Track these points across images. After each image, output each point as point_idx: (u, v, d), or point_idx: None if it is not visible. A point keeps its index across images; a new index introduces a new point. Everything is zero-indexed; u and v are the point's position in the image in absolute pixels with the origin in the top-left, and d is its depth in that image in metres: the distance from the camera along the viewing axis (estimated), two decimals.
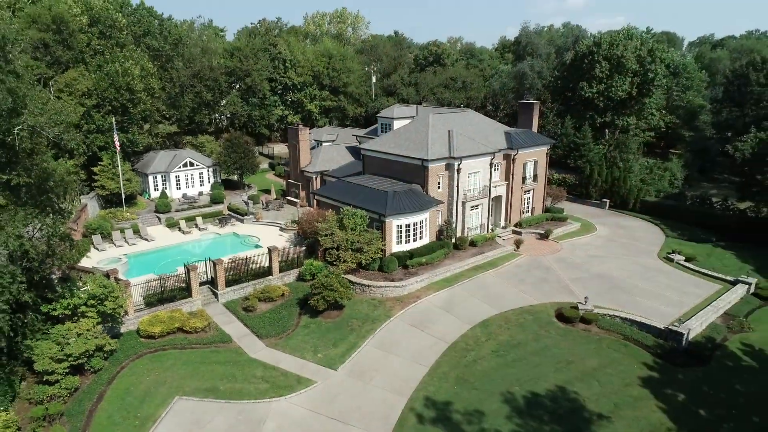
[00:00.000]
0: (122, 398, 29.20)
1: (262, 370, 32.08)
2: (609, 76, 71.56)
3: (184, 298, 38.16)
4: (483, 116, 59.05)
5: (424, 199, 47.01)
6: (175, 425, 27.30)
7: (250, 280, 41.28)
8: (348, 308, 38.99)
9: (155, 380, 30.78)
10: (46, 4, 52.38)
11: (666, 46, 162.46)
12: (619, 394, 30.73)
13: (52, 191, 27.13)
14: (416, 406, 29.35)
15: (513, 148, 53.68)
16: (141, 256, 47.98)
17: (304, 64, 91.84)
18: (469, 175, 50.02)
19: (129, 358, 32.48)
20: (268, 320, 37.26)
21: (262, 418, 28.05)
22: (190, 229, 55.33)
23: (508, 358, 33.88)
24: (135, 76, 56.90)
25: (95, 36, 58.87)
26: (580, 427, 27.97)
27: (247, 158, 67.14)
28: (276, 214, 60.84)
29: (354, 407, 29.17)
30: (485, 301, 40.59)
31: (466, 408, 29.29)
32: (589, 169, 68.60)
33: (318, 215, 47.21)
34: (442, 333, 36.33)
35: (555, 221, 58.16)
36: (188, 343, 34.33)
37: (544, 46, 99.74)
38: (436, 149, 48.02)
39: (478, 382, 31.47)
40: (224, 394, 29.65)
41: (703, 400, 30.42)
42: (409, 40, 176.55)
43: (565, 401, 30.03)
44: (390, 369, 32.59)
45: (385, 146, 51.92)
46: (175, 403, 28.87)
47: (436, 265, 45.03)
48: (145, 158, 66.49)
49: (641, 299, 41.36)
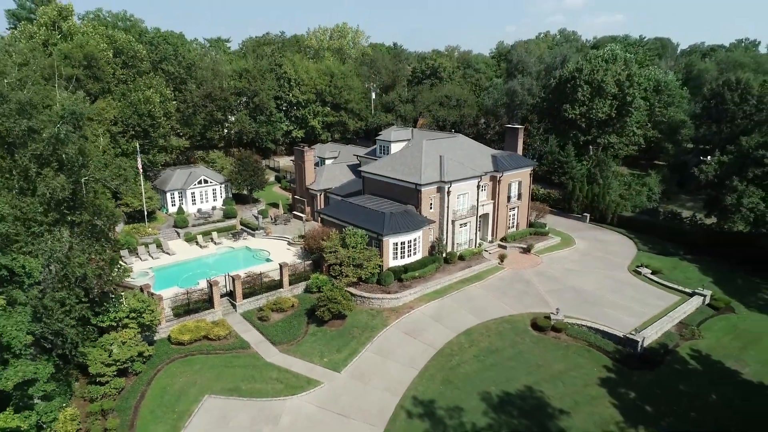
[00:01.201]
0: (161, 396, 34.59)
1: (276, 372, 37.46)
2: (590, 99, 76.92)
3: (207, 309, 43.52)
4: (472, 141, 64.41)
5: (417, 219, 52.37)
6: (207, 419, 32.68)
7: (264, 292, 46.64)
8: (350, 318, 44.33)
9: (187, 381, 36.16)
10: (77, 41, 57.64)
11: (655, 56, 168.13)
12: (579, 393, 36.11)
13: (103, 224, 32.45)
14: (406, 404, 34.71)
15: (499, 170, 59.03)
16: (165, 269, 53.32)
17: (307, 82, 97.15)
18: (458, 196, 55.39)
19: (163, 362, 37.87)
20: (281, 329, 42.62)
21: (279, 413, 33.42)
22: (207, 243, 60.72)
23: (486, 363, 39.25)
24: (155, 104, 62.28)
25: (119, 66, 64.21)
26: (543, 421, 33.34)
27: (256, 175, 72.46)
28: (284, 228, 66.20)
29: (355, 404, 34.53)
30: (470, 311, 45.96)
31: (449, 405, 34.66)
32: (571, 186, 73.96)
33: (322, 233, 52.54)
34: (431, 340, 41.70)
35: (538, 235, 63.45)
36: (213, 349, 39.72)
37: (534, 65, 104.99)
38: (429, 174, 53.37)
39: (460, 383, 36.84)
40: (246, 393, 35.04)
41: (651, 399, 35.79)
42: (407, 51, 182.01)
43: (532, 399, 35.40)
44: (386, 372, 37.96)
45: (383, 170, 57.26)
46: (205, 400, 34.24)
47: (428, 278, 50.39)
48: (163, 176, 71.81)
49: (608, 310, 46.71)
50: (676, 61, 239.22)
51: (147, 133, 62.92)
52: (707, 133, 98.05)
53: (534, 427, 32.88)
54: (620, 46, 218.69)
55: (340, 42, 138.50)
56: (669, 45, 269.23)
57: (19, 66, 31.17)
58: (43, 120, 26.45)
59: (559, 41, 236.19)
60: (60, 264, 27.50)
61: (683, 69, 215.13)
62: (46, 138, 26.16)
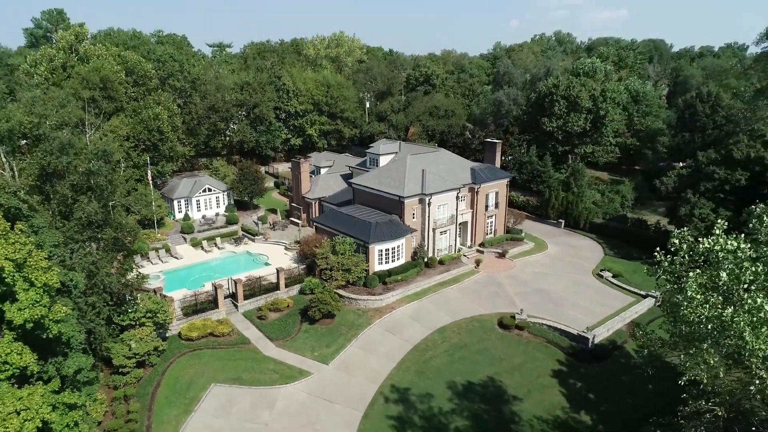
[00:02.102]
0: (174, 385, 40.23)
1: (273, 364, 43.08)
2: (566, 113, 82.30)
3: (212, 309, 49.13)
4: (453, 155, 69.89)
5: (401, 228, 57.93)
6: (214, 404, 38.32)
7: (263, 294, 52.26)
8: (338, 317, 49.90)
9: (196, 372, 41.78)
10: (93, 65, 63.05)
11: (645, 60, 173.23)
12: (533, 382, 41.73)
13: (125, 238, 38.02)
14: (385, 391, 40.35)
15: (477, 182, 64.56)
16: (174, 272, 58.90)
17: (305, 93, 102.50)
18: (438, 206, 60.94)
19: (175, 356, 43.50)
20: (277, 326, 48.22)
21: (275, 399, 39.06)
22: (211, 248, 66.28)
23: (455, 356, 44.87)
24: (164, 120, 67.75)
25: (130, 85, 69.63)
26: (499, 406, 38.98)
27: (256, 184, 77.98)
28: (281, 233, 71.75)
29: (340, 392, 40.16)
30: (445, 311, 51.56)
31: (420, 392, 40.30)
32: (548, 193, 79.46)
33: (316, 240, 58.11)
34: (409, 337, 47.32)
35: (514, 241, 68.99)
36: (218, 344, 45.35)
37: (520, 75, 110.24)
38: (411, 187, 58.90)
39: (431, 374, 42.47)
40: (247, 382, 40.69)
41: (595, 388, 41.41)
42: (404, 56, 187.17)
43: (492, 388, 41.05)
44: (368, 364, 43.59)
45: (371, 182, 62.78)
46: (212, 388, 39.88)
47: (410, 282, 55.98)
48: (170, 184, 77.32)
49: (568, 310, 52.28)
50: (665, 65, 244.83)
51: (156, 146, 68.44)
52: (681, 142, 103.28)
53: (491, 411, 38.53)
54: (612, 49, 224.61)
55: (336, 51, 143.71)
56: (662, 47, 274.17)
57: (57, 109, 36.55)
58: (79, 156, 31.99)
59: (553, 45, 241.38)
60: (91, 274, 33.02)
61: (671, 74, 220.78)
62: (82, 171, 31.68)
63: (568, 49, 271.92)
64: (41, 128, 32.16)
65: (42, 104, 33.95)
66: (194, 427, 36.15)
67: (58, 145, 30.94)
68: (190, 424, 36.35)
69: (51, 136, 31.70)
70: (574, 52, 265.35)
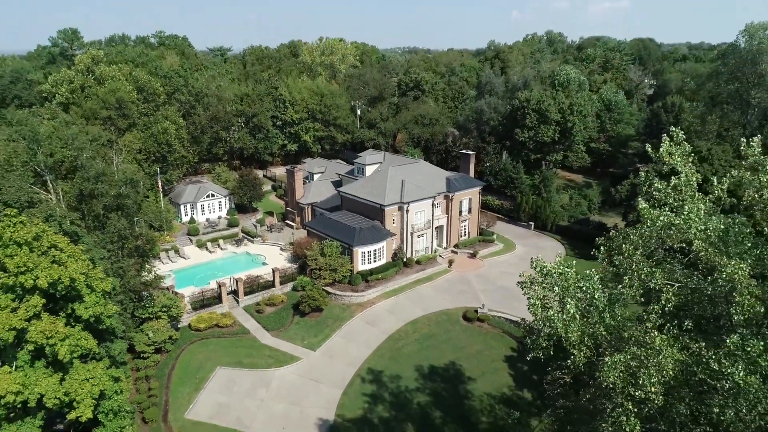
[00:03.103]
0: (186, 368, 47.77)
1: (269, 350, 50.62)
2: (537, 125, 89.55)
3: (217, 304, 56.59)
4: (431, 166, 77.26)
5: (382, 232, 65.39)
6: (219, 383, 45.87)
7: (260, 291, 59.72)
8: (325, 311, 57.43)
9: (204, 357, 49.32)
10: (109, 87, 70.07)
11: (631, 62, 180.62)
12: (487, 366, 49.32)
13: (145, 246, 45.45)
14: (362, 373, 47.92)
15: (451, 191, 71.93)
16: (182, 271, 66.27)
17: (300, 102, 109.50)
18: (416, 213, 68.37)
19: (186, 343, 51.01)
20: (273, 319, 55.74)
21: (270, 379, 46.61)
22: (215, 249, 73.72)
23: (424, 345, 52.46)
24: (171, 134, 74.95)
25: (141, 102, 76.74)
26: (456, 385, 46.59)
27: (255, 190, 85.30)
28: (277, 235, 79.18)
29: (324, 374, 47.72)
30: (418, 306, 59.14)
31: (392, 374, 47.89)
32: (519, 198, 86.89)
33: (307, 243, 65.52)
34: (385, 328, 54.88)
35: (485, 242, 76.46)
36: (222, 334, 52.88)
37: (500, 85, 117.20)
38: (391, 196, 66.28)
39: (402, 359, 50.05)
40: (247, 365, 48.22)
41: (538, 370, 48.93)
42: (396, 61, 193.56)
43: (453, 371, 48.66)
44: (348, 351, 51.17)
45: (356, 191, 70.12)
46: (217, 370, 47.41)
47: (389, 280, 63.49)
48: (177, 190, 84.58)
49: (525, 304, 59.74)
50: (650, 67, 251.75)
51: (165, 157, 75.68)
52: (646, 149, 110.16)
53: (449, 389, 46.17)
54: (600, 50, 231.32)
55: (330, 58, 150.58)
56: (651, 46, 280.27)
57: (90, 142, 43.80)
58: (110, 183, 39.35)
59: (542, 47, 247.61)
60: (120, 277, 40.42)
61: (654, 75, 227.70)
62: (113, 194, 38.95)
63: (558, 48, 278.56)
64: (79, 159, 39.41)
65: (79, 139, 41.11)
66: (203, 402, 43.74)
67: (94, 174, 38.21)
68: (200, 400, 43.94)
69: (87, 165, 39.03)
70: (565, 51, 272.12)
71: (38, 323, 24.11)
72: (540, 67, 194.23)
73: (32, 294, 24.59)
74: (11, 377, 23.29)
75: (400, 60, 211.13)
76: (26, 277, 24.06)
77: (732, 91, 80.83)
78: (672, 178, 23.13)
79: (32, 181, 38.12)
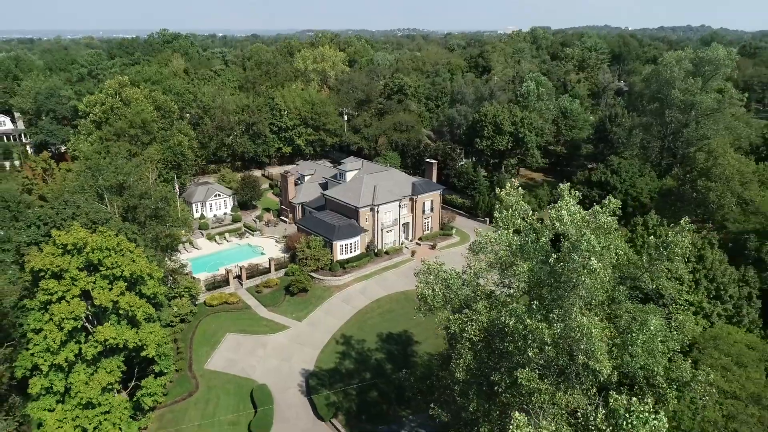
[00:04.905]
0: (203, 333, 62.44)
1: (266, 321, 65.23)
2: (493, 135, 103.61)
3: (225, 286, 71.18)
4: (401, 173, 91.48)
5: (357, 229, 79.86)
6: (228, 345, 60.49)
7: (259, 276, 74.22)
8: (310, 291, 71.95)
9: (216, 326, 63.94)
10: (134, 109, 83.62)
11: (606, 61, 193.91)
12: (430, 333, 63.66)
13: (172, 243, 59.82)
14: (336, 338, 62.63)
15: (415, 194, 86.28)
16: (196, 260, 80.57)
17: (293, 110, 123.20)
18: (385, 213, 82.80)
19: (203, 316, 65.55)
20: (269, 298, 70.30)
21: (266, 342, 61.27)
22: (222, 241, 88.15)
23: (385, 317, 67.15)
24: (185, 145, 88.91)
25: (159, 118, 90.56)
26: (406, 347, 61.35)
27: (254, 191, 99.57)
28: (273, 229, 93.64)
29: (307, 339, 62.45)
30: (383, 287, 73.79)
31: (358, 339, 62.66)
32: (477, 197, 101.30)
33: (297, 237, 79.94)
34: (356, 305, 69.57)
35: (445, 236, 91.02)
36: (230, 309, 67.48)
37: (470, 95, 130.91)
38: (365, 200, 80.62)
39: (367, 328, 64.79)
40: (249, 332, 62.82)
41: None
42: (384, 63, 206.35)
43: (405, 336, 63.43)
44: (327, 322, 65.87)
45: (337, 194, 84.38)
46: (227, 336, 62.04)
47: (362, 267, 78.01)
48: (189, 191, 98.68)
49: None
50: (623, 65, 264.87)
51: (180, 165, 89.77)
52: (596, 152, 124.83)
53: (400, 349, 61.03)
54: (577, 50, 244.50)
55: (322, 65, 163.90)
56: (631, 43, 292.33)
57: (134, 167, 57.94)
58: (150, 199, 53.60)
59: (521, 47, 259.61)
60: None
61: (627, 75, 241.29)
62: (152, 207, 53.11)
63: (543, 44, 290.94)
64: (127, 182, 53.40)
65: (126, 167, 55.19)
66: (217, 357, 58.52)
67: (138, 193, 52.22)
68: (215, 356, 58.73)
69: (133, 186, 53.06)
70: (549, 47, 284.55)
71: (123, 298, 38.35)
72: (520, 67, 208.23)
73: (119, 280, 38.79)
74: (110, 330, 37.57)
75: (389, 59, 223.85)
76: (115, 271, 38.25)
77: (654, 109, 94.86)
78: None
79: (96, 199, 52.12)
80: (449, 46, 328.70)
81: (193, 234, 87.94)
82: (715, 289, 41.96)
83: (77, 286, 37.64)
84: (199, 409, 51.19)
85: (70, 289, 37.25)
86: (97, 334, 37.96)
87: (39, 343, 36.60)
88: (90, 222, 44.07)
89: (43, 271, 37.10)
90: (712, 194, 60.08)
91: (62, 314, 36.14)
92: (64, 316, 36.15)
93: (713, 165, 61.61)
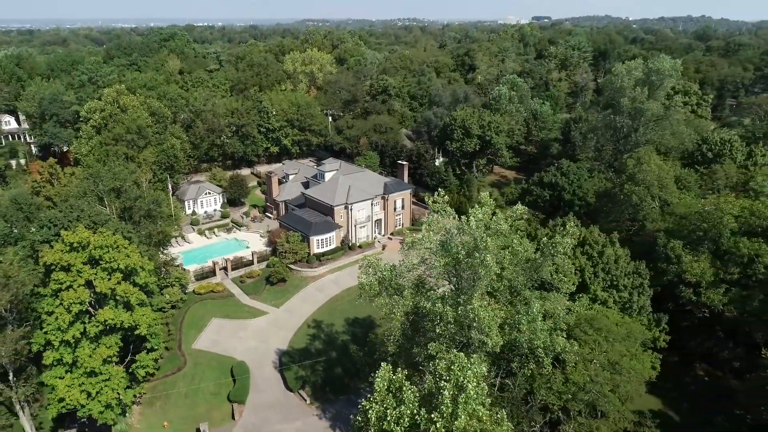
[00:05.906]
0: (192, 318, 70.50)
1: (247, 308, 73.31)
2: (462, 138, 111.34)
3: (212, 277, 79.20)
4: (374, 173, 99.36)
5: (332, 225, 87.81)
6: (213, 328, 68.51)
7: (243, 267, 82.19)
8: (289, 281, 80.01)
9: (203, 312, 71.99)
10: (131, 116, 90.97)
11: (590, 59, 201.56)
12: None
13: (164, 239, 67.72)
14: (308, 322, 70.82)
15: (387, 193, 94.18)
16: (187, 253, 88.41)
17: (280, 112, 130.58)
18: (358, 210, 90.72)
19: (191, 303, 73.56)
20: (251, 287, 78.35)
21: (247, 326, 69.33)
22: (211, 236, 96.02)
23: (353, 304, 74.91)
24: (177, 148, 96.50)
25: (153, 123, 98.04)
26: (367, 329, 69.43)
27: (242, 189, 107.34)
28: (259, 225, 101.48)
29: (283, 323, 70.59)
30: (353, 278, 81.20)
31: (328, 323, 70.83)
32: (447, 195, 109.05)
33: (278, 233, 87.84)
34: (328, 293, 77.64)
35: (415, 231, 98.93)
36: (216, 297, 75.46)
37: (447, 97, 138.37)
38: (339, 199, 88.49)
39: (336, 313, 72.93)
40: (232, 317, 70.84)
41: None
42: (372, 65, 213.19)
43: (368, 320, 71.56)
44: (302, 308, 73.99)
45: (316, 193, 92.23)
46: (212, 320, 70.08)
47: (336, 260, 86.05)
48: (181, 189, 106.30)
49: None
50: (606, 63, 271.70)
51: (173, 166, 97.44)
52: (562, 152, 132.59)
53: (363, 331, 68.96)
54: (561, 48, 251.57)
55: (311, 67, 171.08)
56: (617, 40, 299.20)
57: (130, 173, 65.70)
58: (144, 201, 61.47)
59: (505, 47, 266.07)
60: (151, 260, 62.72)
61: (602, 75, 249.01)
62: (146, 209, 61.02)
63: (530, 41, 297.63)
64: (123, 186, 61.20)
65: (123, 173, 62.96)
66: (203, 339, 66.66)
67: (133, 196, 60.02)
68: (201, 338, 66.88)
69: (129, 190, 60.84)
70: (536, 44, 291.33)
71: (120, 286, 46.30)
72: (504, 66, 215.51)
73: (116, 272, 46.71)
74: (109, 312, 45.60)
75: (378, 57, 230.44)
76: (113, 264, 46.17)
77: (607, 116, 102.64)
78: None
79: (96, 201, 59.87)
80: (442, 41, 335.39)
81: (183, 228, 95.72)
82: (610, 280, 50.17)
83: (82, 277, 45.57)
84: (186, 382, 59.45)
85: (77, 279, 45.22)
86: (98, 315, 45.99)
87: (51, 323, 44.62)
88: (92, 223, 51.91)
89: (54, 264, 45.05)
90: (635, 197, 67.99)
91: (70, 300, 44.15)
92: (71, 301, 44.16)
93: (638, 170, 69.47)
